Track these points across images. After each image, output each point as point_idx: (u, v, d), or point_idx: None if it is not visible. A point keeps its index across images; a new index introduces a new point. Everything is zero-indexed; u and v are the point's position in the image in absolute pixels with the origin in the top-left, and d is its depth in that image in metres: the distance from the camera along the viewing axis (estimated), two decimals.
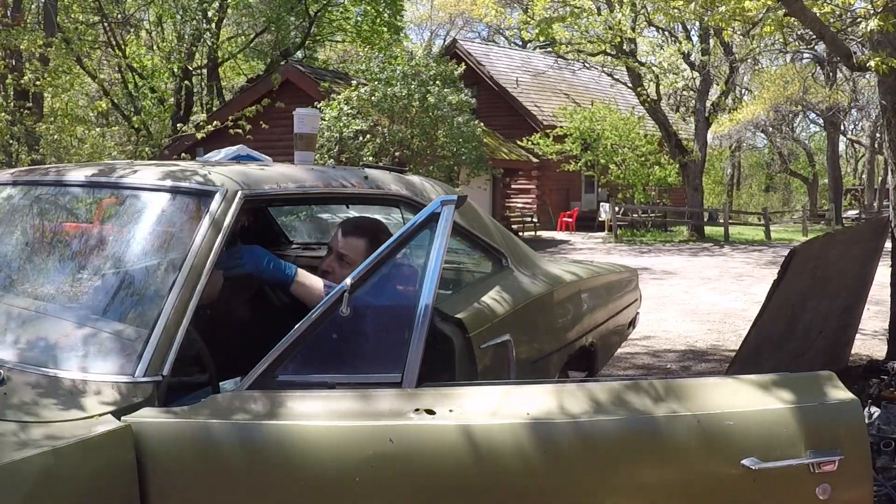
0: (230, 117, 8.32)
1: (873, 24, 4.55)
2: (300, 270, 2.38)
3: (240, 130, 7.73)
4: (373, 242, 2.37)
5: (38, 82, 7.83)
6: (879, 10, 4.60)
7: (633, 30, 18.26)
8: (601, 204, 24.11)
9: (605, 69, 23.01)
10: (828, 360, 4.68)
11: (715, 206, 30.30)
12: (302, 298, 2.36)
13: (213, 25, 20.35)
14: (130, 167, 2.35)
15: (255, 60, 24.39)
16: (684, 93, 26.30)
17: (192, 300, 1.90)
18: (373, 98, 14.39)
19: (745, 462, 1.77)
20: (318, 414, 1.77)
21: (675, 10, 5.68)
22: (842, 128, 30.80)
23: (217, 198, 2.10)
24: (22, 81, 7.51)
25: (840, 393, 1.89)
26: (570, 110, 22.64)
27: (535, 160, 22.09)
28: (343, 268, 2.34)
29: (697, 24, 17.16)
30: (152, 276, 2.02)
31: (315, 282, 2.39)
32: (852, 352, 5.67)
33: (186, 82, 19.73)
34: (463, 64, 19.15)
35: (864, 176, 37.54)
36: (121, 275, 2.06)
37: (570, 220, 23.64)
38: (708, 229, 21.95)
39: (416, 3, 38.81)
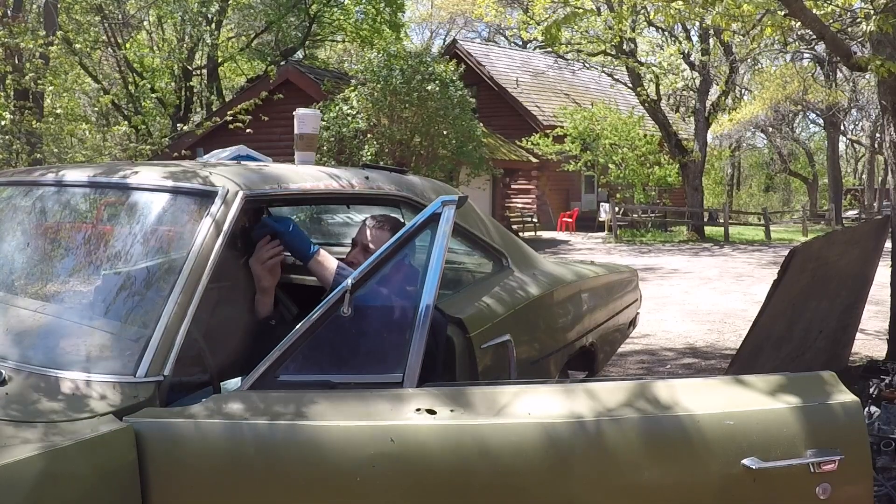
0: (228, 113, 8.33)
1: (873, 24, 4.56)
2: (322, 250, 2.49)
3: (240, 125, 7.73)
4: None
5: (38, 81, 7.83)
6: (879, 10, 4.60)
7: (633, 30, 18.27)
8: (601, 204, 24.12)
9: (605, 69, 23.02)
10: (828, 360, 4.69)
11: (715, 207, 30.30)
12: (316, 275, 2.49)
13: (214, 26, 20.35)
14: (131, 167, 2.35)
15: (256, 61, 24.40)
16: (684, 93, 26.32)
17: (193, 300, 1.90)
18: (374, 96, 14.38)
19: (745, 462, 1.78)
20: (319, 414, 1.78)
21: (675, 10, 5.68)
22: (842, 128, 30.79)
23: (218, 198, 2.10)
24: (22, 81, 7.50)
25: (840, 393, 1.90)
26: (570, 110, 22.65)
27: (534, 160, 22.09)
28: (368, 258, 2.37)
29: (697, 24, 17.16)
30: (153, 277, 2.02)
31: (332, 263, 2.48)
32: (852, 352, 5.67)
33: (188, 83, 19.72)
34: (463, 64, 19.15)
35: (864, 176, 37.56)
36: (122, 275, 2.06)
37: (570, 220, 23.64)
38: (708, 229, 21.96)
39: (416, 3, 38.85)
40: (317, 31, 23.42)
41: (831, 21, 5.41)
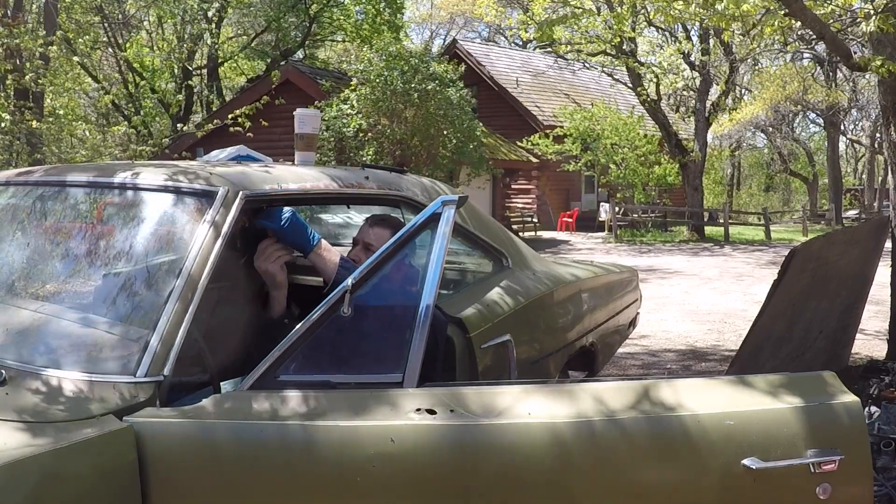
0: (229, 116, 8.34)
1: (873, 24, 4.55)
2: (323, 241, 2.44)
3: (240, 128, 7.74)
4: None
5: (39, 81, 7.83)
6: (879, 10, 4.60)
7: (633, 30, 18.26)
8: (601, 204, 24.12)
9: (605, 69, 23.00)
10: (828, 360, 4.68)
11: (715, 206, 30.30)
12: (317, 268, 2.44)
13: (214, 25, 20.36)
14: (131, 168, 2.35)
15: (256, 60, 24.40)
16: (684, 93, 26.30)
17: (194, 301, 1.90)
18: (374, 96, 14.38)
19: (745, 462, 1.78)
20: (319, 414, 1.78)
21: (676, 11, 5.68)
22: (842, 128, 30.77)
23: (218, 198, 2.10)
24: (22, 81, 7.51)
25: (840, 393, 1.90)
26: (570, 110, 22.64)
27: (534, 160, 22.09)
28: (369, 257, 2.37)
29: (697, 24, 17.16)
30: (153, 277, 2.02)
31: (333, 255, 2.44)
32: (852, 352, 5.67)
33: (188, 82, 19.72)
34: (463, 64, 19.15)
35: (864, 176, 37.54)
36: (122, 275, 2.06)
37: (570, 220, 23.64)
38: (708, 229, 21.96)
39: (416, 3, 38.85)
40: (317, 31, 23.43)
41: (831, 21, 5.41)
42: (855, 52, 5.85)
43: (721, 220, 22.27)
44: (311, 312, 1.88)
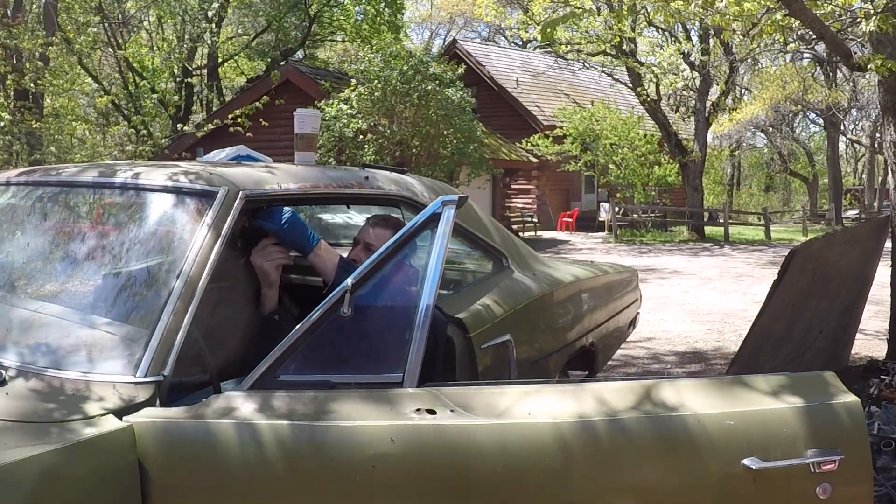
0: (229, 116, 8.35)
1: (873, 24, 4.55)
2: (323, 242, 2.46)
3: (240, 128, 7.76)
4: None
5: (38, 81, 7.84)
6: (879, 10, 4.60)
7: (633, 30, 18.26)
8: (601, 204, 24.12)
9: (605, 69, 23.01)
10: (828, 360, 4.68)
11: (715, 206, 30.30)
12: (316, 268, 2.48)
13: (214, 25, 20.36)
14: (131, 168, 2.35)
15: (256, 60, 24.40)
16: (684, 93, 26.29)
17: (194, 301, 1.90)
18: (374, 96, 14.38)
19: (745, 462, 1.78)
20: (319, 414, 1.78)
21: (675, 11, 5.68)
22: (842, 128, 30.77)
23: (218, 198, 2.10)
24: (22, 81, 7.52)
25: (840, 393, 1.90)
26: (570, 111, 22.64)
27: (534, 160, 22.10)
28: (369, 257, 2.38)
29: (697, 24, 17.16)
30: (153, 277, 2.02)
31: (333, 257, 2.47)
32: (852, 352, 5.67)
33: (188, 80, 19.72)
34: (463, 64, 19.15)
35: (864, 176, 37.54)
36: (122, 275, 2.06)
37: (570, 220, 23.65)
38: (708, 229, 21.96)
39: (416, 3, 38.84)
40: (317, 31, 23.42)
41: (831, 21, 5.41)
42: (855, 52, 5.85)
43: (721, 220, 22.27)
44: (311, 312, 1.88)
